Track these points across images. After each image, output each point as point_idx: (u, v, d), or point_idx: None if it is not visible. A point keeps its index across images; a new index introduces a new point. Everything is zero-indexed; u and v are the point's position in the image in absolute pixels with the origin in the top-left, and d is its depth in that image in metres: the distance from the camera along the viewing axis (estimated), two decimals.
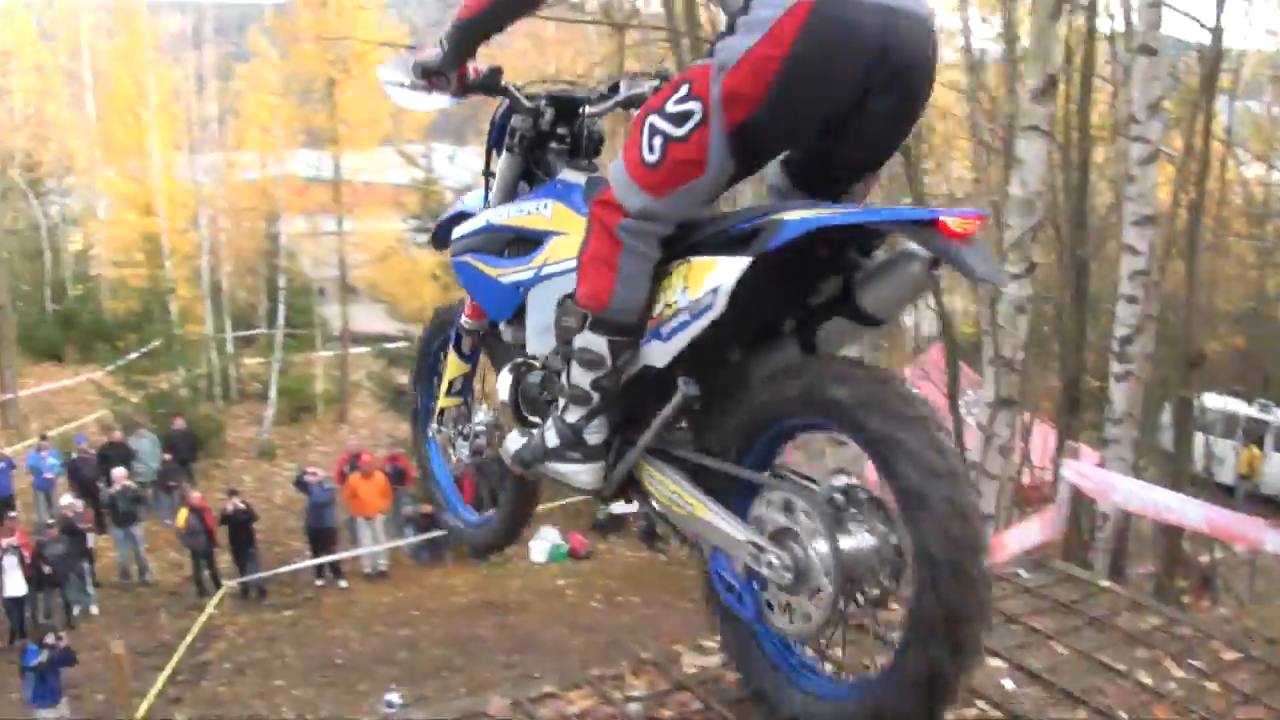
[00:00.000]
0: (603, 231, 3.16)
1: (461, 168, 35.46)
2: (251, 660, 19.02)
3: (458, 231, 4.03)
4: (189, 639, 19.66)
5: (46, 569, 20.02)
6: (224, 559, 22.38)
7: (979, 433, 11.24)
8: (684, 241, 3.16)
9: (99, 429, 27.96)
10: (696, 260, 3.09)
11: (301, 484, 22.94)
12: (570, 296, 3.35)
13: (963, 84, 20.71)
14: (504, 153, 3.93)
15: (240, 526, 22.02)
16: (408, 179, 31.71)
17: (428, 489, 5.12)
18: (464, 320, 4.37)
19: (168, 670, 18.20)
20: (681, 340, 3.12)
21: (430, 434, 4.83)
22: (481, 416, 4.47)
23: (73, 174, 42.55)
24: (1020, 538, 8.13)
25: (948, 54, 21.78)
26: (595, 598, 21.74)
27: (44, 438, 25.38)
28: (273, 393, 30.89)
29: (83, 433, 26.59)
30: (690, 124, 2.97)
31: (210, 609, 20.84)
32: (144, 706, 16.81)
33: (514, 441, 3.67)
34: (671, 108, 3.01)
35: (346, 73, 30.33)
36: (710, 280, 3.00)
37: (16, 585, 19.75)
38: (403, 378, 28.40)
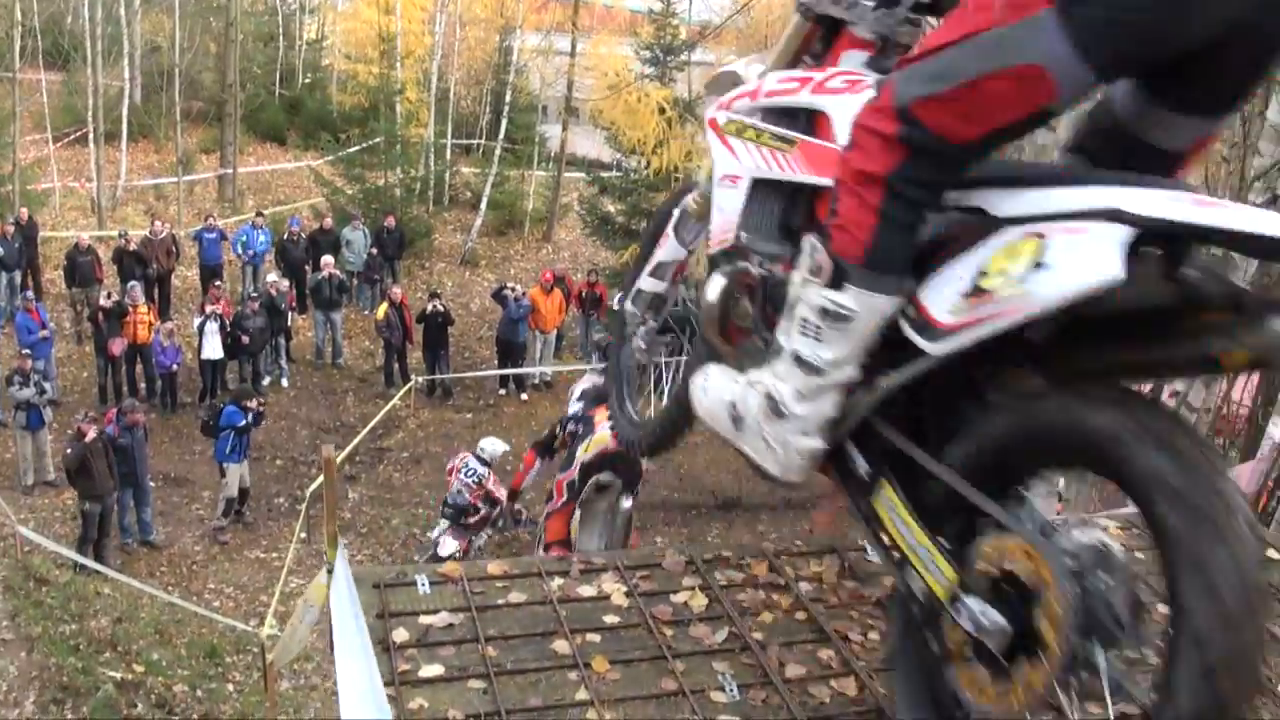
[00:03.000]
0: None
1: (702, 4, 34.68)
2: (428, 453, 19.22)
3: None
4: (372, 424, 19.99)
5: (245, 339, 20.44)
6: (415, 355, 22.65)
7: None
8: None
9: (311, 214, 28.37)
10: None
11: (500, 297, 22.95)
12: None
13: None
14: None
15: (437, 328, 22.21)
16: (645, 7, 31.03)
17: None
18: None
19: (347, 450, 18.49)
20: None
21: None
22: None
23: None
24: None
25: None
26: None
27: (259, 214, 25.84)
28: (484, 203, 30.84)
29: (296, 215, 26.99)
30: None
31: (396, 400, 21.10)
32: (319, 480, 17.09)
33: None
34: None
35: None
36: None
37: (214, 349, 20.37)
38: (611, 205, 28.13)
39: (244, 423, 16.75)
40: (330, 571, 3.89)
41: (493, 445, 15.09)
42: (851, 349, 2.58)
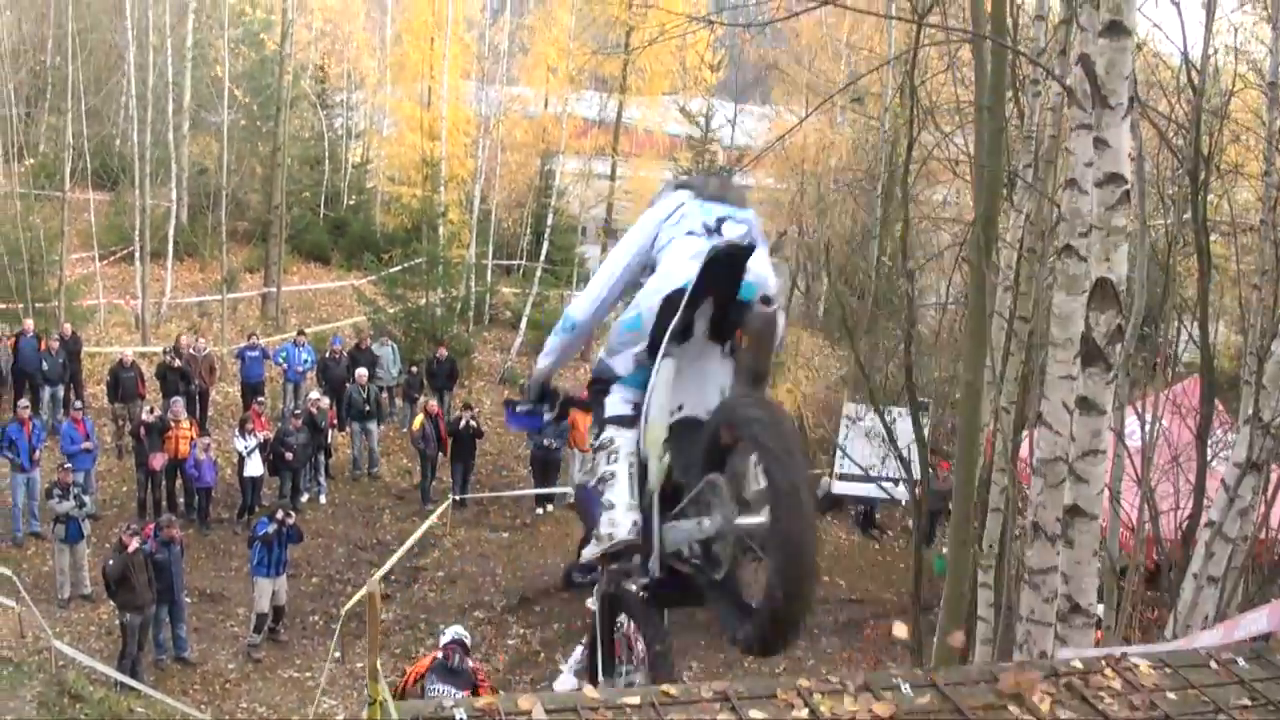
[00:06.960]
0: None
1: (740, 130, 35.21)
2: (463, 573, 19.18)
3: None
4: (409, 543, 19.96)
5: (288, 455, 20.58)
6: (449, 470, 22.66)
7: (1221, 488, 10.24)
8: None
9: (353, 333, 28.64)
10: None
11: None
12: None
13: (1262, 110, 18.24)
14: None
15: (467, 439, 22.34)
16: (684, 133, 31.54)
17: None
18: None
19: (384, 569, 18.51)
20: None
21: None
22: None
23: (361, 90, 43.42)
24: (1249, 624, 7.58)
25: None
26: None
27: (301, 333, 26.20)
28: (523, 323, 31.15)
29: (339, 334, 27.30)
30: None
31: (433, 518, 21.09)
32: (355, 599, 17.11)
33: None
34: None
35: (644, 23, 30.07)
36: None
37: (255, 466, 20.50)
38: None
39: (266, 530, 16.83)
40: (373, 704, 3.95)
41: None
42: None
